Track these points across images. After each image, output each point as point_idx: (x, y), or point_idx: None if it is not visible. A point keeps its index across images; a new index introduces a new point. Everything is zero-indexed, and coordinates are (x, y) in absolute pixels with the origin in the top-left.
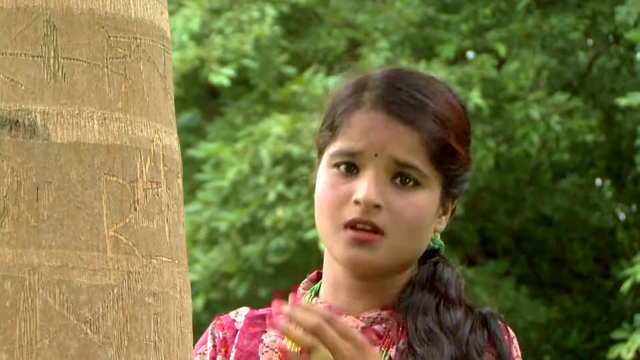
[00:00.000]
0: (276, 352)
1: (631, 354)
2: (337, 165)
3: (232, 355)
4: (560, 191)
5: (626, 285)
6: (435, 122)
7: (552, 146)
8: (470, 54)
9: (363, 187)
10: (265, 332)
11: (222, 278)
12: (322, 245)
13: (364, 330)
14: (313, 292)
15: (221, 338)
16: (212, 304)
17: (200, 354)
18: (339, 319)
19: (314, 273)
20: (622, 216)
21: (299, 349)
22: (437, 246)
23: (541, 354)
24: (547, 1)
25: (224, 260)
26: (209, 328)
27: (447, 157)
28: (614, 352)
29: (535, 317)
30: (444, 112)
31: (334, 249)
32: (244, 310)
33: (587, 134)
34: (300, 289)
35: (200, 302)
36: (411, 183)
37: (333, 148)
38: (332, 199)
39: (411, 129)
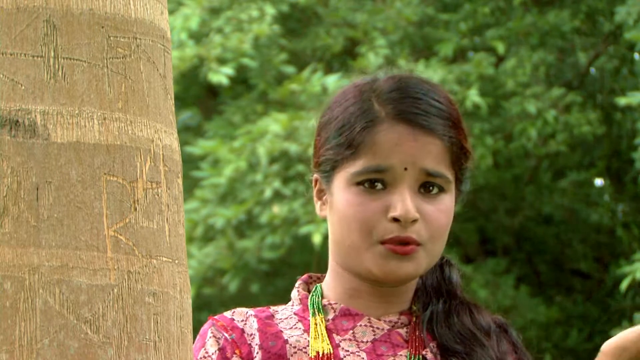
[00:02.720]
0: (305, 352)
1: None
2: (360, 183)
3: (259, 356)
4: (559, 190)
5: (625, 283)
6: (451, 126)
7: (549, 139)
8: (471, 53)
9: (398, 203)
10: (282, 331)
11: (216, 274)
12: (316, 239)
13: (390, 332)
14: (319, 294)
15: (230, 340)
16: (207, 301)
17: (200, 358)
18: None
19: (306, 276)
20: (620, 215)
21: None
22: None
23: (542, 352)
24: (545, 0)
25: (218, 256)
26: (208, 330)
27: (462, 158)
28: None
29: (535, 315)
30: (453, 113)
31: (369, 262)
32: (244, 310)
33: (584, 125)
34: (299, 289)
35: (192, 295)
36: (435, 190)
37: (356, 167)
38: (363, 216)
39: (436, 138)
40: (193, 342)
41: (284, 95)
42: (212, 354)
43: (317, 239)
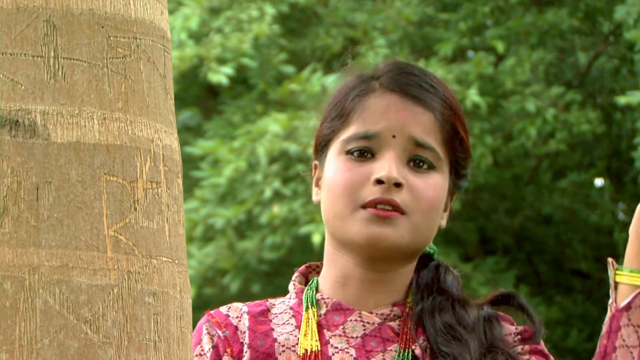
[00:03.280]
0: (293, 351)
1: None
2: (350, 152)
3: (247, 356)
4: (559, 190)
5: None
6: (445, 106)
7: (549, 138)
8: (470, 53)
9: (384, 166)
10: (273, 329)
11: (216, 274)
12: (316, 239)
13: (380, 325)
14: (314, 288)
15: (222, 337)
16: (207, 301)
17: (196, 355)
18: None
19: (303, 267)
20: (620, 215)
21: None
22: (431, 251)
23: None
24: (545, 0)
25: (218, 256)
26: (203, 326)
27: (456, 143)
28: None
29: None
30: (451, 99)
31: (351, 229)
32: (239, 306)
33: (583, 124)
34: (295, 283)
35: (192, 295)
36: (425, 166)
37: (346, 134)
38: (348, 181)
39: (427, 109)
40: None
41: (283, 95)
42: (207, 352)
43: (317, 239)
